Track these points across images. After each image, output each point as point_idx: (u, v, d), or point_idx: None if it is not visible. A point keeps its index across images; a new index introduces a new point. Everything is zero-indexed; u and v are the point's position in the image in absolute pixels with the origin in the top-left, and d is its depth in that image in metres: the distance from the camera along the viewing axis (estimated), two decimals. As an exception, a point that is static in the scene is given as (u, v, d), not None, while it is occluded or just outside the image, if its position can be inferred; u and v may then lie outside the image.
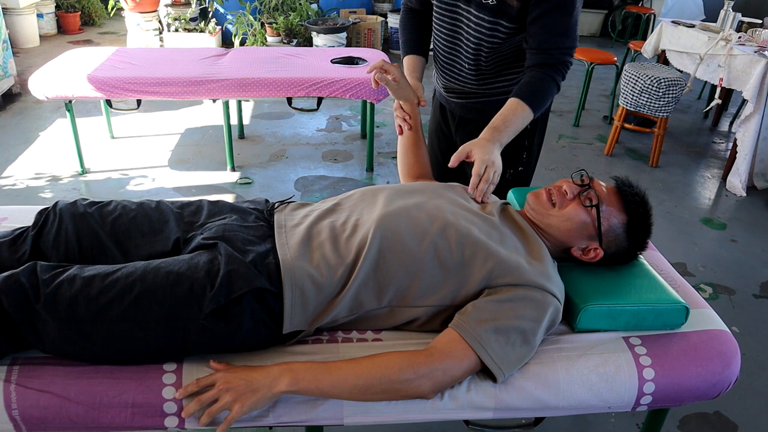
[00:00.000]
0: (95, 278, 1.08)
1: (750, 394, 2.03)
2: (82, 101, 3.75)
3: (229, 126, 3.31)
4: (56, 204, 1.29)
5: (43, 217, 1.26)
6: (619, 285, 1.31)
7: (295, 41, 5.58)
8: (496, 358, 1.10)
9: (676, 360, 1.23)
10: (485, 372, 1.13)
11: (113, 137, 3.81)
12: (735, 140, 3.60)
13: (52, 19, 6.03)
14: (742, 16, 4.06)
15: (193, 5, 5.61)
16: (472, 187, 1.36)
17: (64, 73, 3.00)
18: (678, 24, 4.26)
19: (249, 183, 3.33)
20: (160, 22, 5.65)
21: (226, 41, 5.92)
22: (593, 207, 1.29)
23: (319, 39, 5.39)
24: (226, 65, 3.30)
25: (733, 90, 4.10)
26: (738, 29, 3.94)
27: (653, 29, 4.75)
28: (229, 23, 5.70)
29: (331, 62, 3.44)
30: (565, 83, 1.54)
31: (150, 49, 4.17)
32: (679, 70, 4.01)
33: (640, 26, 6.63)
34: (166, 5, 5.54)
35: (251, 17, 5.50)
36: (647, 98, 3.66)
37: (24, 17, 5.42)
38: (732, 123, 4.70)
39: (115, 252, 1.25)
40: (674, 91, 3.61)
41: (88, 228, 1.25)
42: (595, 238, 1.30)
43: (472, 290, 1.18)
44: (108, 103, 3.44)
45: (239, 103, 3.90)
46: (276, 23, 5.54)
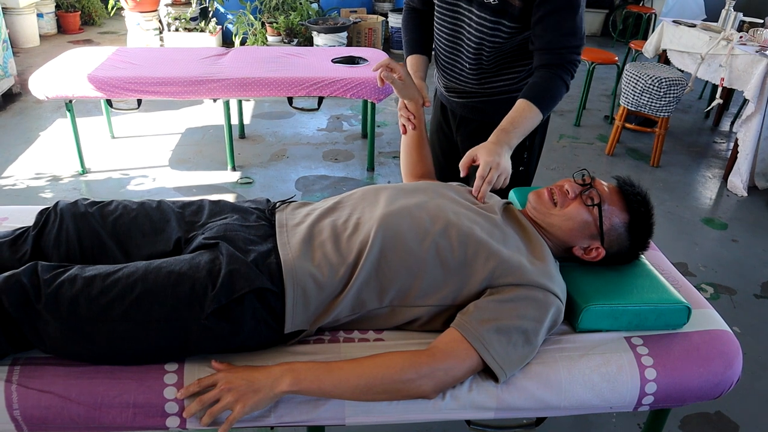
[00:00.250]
0: (96, 278, 1.08)
1: (751, 395, 2.03)
2: (83, 101, 3.74)
3: (230, 126, 3.30)
4: (57, 204, 1.29)
5: (44, 217, 1.26)
6: (621, 285, 1.31)
7: (296, 41, 5.58)
8: (498, 358, 1.10)
9: (678, 360, 1.22)
10: (487, 372, 1.13)
11: (114, 137, 3.81)
12: (736, 140, 3.60)
13: (52, 19, 6.03)
14: (744, 16, 4.06)
15: (194, 5, 5.60)
16: (476, 190, 1.35)
17: (65, 73, 3.00)
18: (679, 24, 4.26)
19: (250, 183, 3.33)
20: (161, 22, 5.65)
21: (227, 41, 5.92)
22: (595, 206, 1.29)
23: (320, 38, 5.39)
24: (227, 65, 3.30)
25: (735, 90, 4.09)
26: (739, 29, 3.94)
27: (654, 29, 4.74)
28: (230, 23, 5.70)
29: (332, 62, 3.44)
30: (571, 81, 1.53)
31: (150, 49, 4.17)
32: (680, 70, 4.00)
33: (641, 26, 6.62)
34: (167, 5, 5.54)
35: (252, 17, 5.50)
36: (648, 98, 3.66)
37: (24, 17, 5.42)
38: (733, 123, 4.70)
39: (116, 252, 1.25)
40: (675, 91, 3.60)
41: (89, 228, 1.25)
42: (597, 238, 1.30)
43: (474, 290, 1.17)
44: (108, 103, 3.44)
45: (240, 103, 3.90)
46: (276, 23, 5.54)
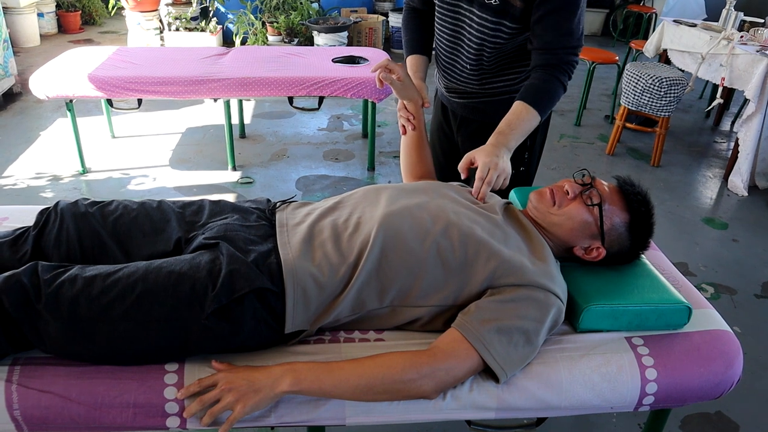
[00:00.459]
0: (96, 278, 1.08)
1: (752, 395, 2.03)
2: (83, 101, 3.74)
3: (230, 125, 3.30)
4: (57, 204, 1.29)
5: (44, 217, 1.26)
6: (622, 285, 1.31)
7: (296, 40, 5.58)
8: (499, 359, 1.10)
9: (679, 360, 1.22)
10: (488, 372, 1.13)
11: (114, 137, 3.80)
12: (737, 140, 3.60)
13: (53, 19, 6.03)
14: (744, 16, 4.05)
15: (194, 4, 5.60)
16: (476, 191, 1.35)
17: (65, 73, 3.00)
18: (680, 23, 4.25)
19: (250, 182, 3.33)
20: (161, 22, 5.65)
21: (227, 40, 5.92)
22: (595, 206, 1.29)
23: (320, 38, 5.39)
24: (227, 64, 3.30)
25: (735, 89, 4.09)
26: (740, 28, 3.93)
27: (655, 28, 4.74)
28: (230, 22, 5.70)
29: (333, 61, 3.44)
30: (569, 82, 1.53)
31: (151, 49, 4.17)
32: (681, 70, 4.00)
33: (642, 25, 6.62)
34: (167, 4, 5.54)
35: (252, 16, 5.50)
36: (649, 98, 3.66)
37: (24, 16, 5.42)
38: (734, 122, 4.70)
39: (117, 252, 1.25)
40: (676, 91, 3.60)
41: (90, 228, 1.25)
42: (598, 237, 1.30)
43: (475, 290, 1.17)
44: (109, 103, 3.44)
45: (240, 103, 3.90)
46: (277, 22, 5.54)
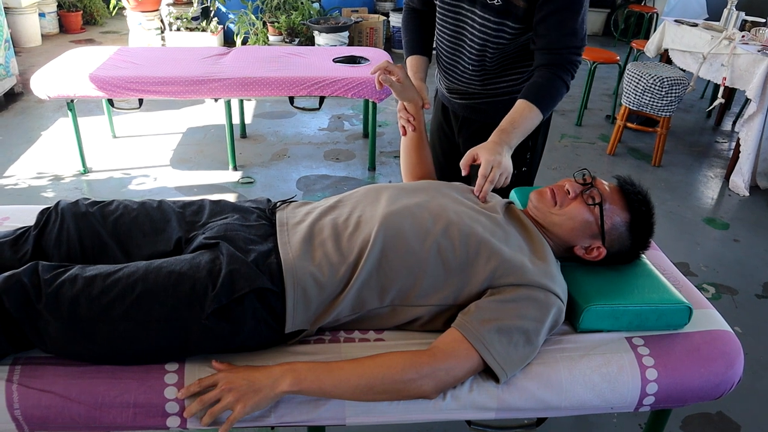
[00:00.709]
0: (97, 278, 1.08)
1: (753, 395, 2.03)
2: (84, 100, 3.75)
3: (231, 125, 3.30)
4: (58, 204, 1.29)
5: (45, 217, 1.26)
6: (622, 285, 1.31)
7: (297, 40, 5.58)
8: (499, 359, 1.10)
9: (679, 360, 1.22)
10: (488, 372, 1.13)
11: (115, 136, 3.81)
12: (738, 140, 3.59)
13: (54, 19, 6.03)
14: (746, 15, 4.04)
15: (195, 4, 5.61)
16: (478, 189, 1.35)
17: (66, 73, 3.00)
18: (681, 23, 4.25)
19: (251, 182, 3.33)
20: (162, 21, 5.66)
21: (228, 40, 5.92)
22: (596, 205, 1.28)
23: (321, 38, 5.39)
24: (228, 64, 3.30)
25: (736, 89, 4.08)
26: (741, 28, 3.92)
27: (656, 28, 4.73)
28: (231, 22, 5.70)
29: (333, 61, 3.44)
30: (571, 81, 1.53)
31: (152, 49, 4.17)
32: (682, 70, 4.00)
33: (643, 25, 6.62)
34: (168, 4, 5.54)
35: (253, 16, 5.50)
36: (650, 97, 3.66)
37: (26, 16, 5.42)
38: (735, 122, 4.69)
39: (117, 252, 1.25)
40: (677, 91, 3.60)
41: (90, 228, 1.25)
42: (598, 237, 1.30)
43: (475, 290, 1.17)
44: (110, 103, 3.45)
45: (241, 103, 3.90)
46: (278, 22, 5.54)
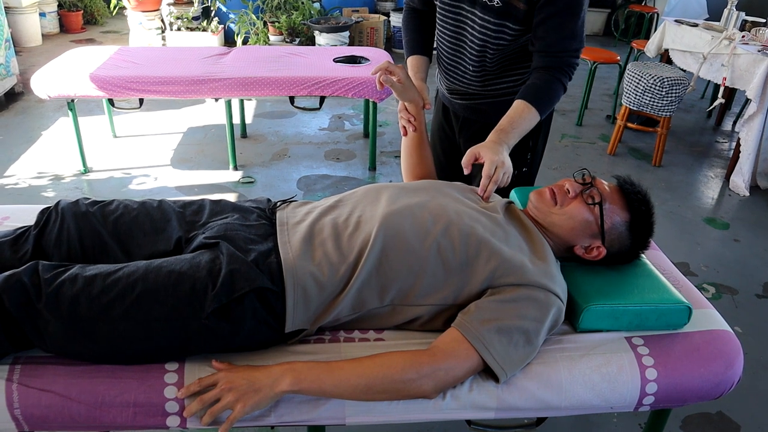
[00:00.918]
0: (97, 277, 1.08)
1: (753, 395, 2.03)
2: (85, 100, 3.75)
3: (232, 125, 3.31)
4: (58, 203, 1.29)
5: (45, 217, 1.26)
6: (622, 285, 1.31)
7: (298, 40, 5.58)
8: (499, 359, 1.10)
9: (679, 360, 1.22)
10: (487, 372, 1.13)
11: (115, 136, 3.81)
12: (738, 140, 3.59)
13: (55, 18, 6.03)
14: (746, 15, 4.04)
15: (196, 4, 5.61)
16: (482, 189, 1.35)
17: (67, 72, 3.00)
18: (681, 23, 4.25)
19: (251, 182, 3.33)
20: (163, 21, 5.66)
21: (229, 40, 5.92)
22: (596, 205, 1.29)
23: (322, 38, 5.39)
24: (229, 64, 3.30)
25: (737, 89, 4.08)
26: (741, 28, 3.92)
27: (656, 28, 4.73)
28: (232, 22, 5.70)
29: (334, 61, 3.44)
30: (569, 83, 1.54)
31: (152, 48, 4.18)
32: (683, 70, 3.99)
33: (644, 25, 6.62)
34: (169, 4, 5.54)
35: (254, 16, 5.50)
36: (650, 97, 3.66)
37: (26, 16, 5.42)
38: (735, 122, 4.69)
39: (117, 251, 1.25)
40: (677, 91, 3.60)
41: (90, 227, 1.25)
42: (598, 237, 1.30)
43: (475, 290, 1.17)
44: (110, 102, 3.45)
45: (242, 102, 3.90)
46: (278, 22, 5.54)
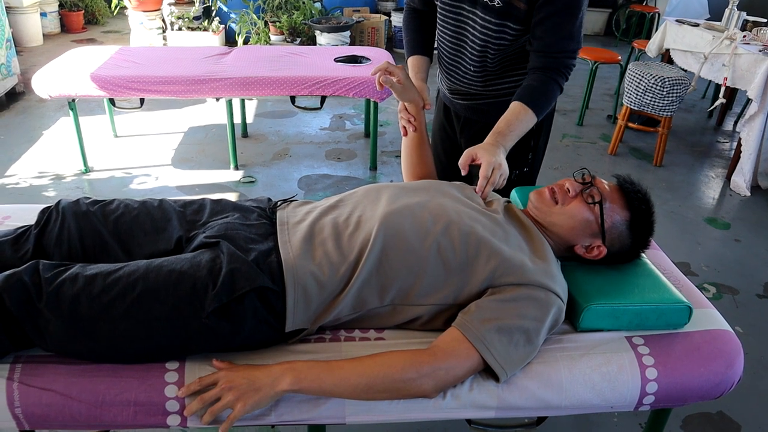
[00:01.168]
0: (97, 277, 1.08)
1: (753, 394, 2.03)
2: (86, 100, 3.75)
3: (233, 125, 3.31)
4: (59, 203, 1.29)
5: (46, 216, 1.26)
6: (622, 284, 1.31)
7: (299, 40, 5.58)
8: (499, 358, 1.10)
9: (679, 360, 1.22)
10: (488, 371, 1.13)
11: (116, 136, 3.81)
12: (739, 140, 3.59)
13: (56, 18, 6.04)
14: (747, 15, 4.04)
15: (197, 4, 5.61)
16: (479, 190, 1.36)
17: (68, 72, 3.01)
18: (682, 23, 4.24)
19: (252, 182, 3.33)
20: (164, 21, 5.66)
21: (230, 40, 5.93)
22: (596, 204, 1.29)
23: (323, 38, 5.39)
24: (230, 64, 3.31)
25: (738, 89, 4.08)
26: (743, 28, 3.92)
27: (657, 28, 4.73)
28: (233, 22, 5.70)
29: (335, 61, 3.44)
30: (569, 82, 1.54)
31: (153, 48, 4.18)
32: (684, 70, 3.99)
33: (645, 25, 6.61)
34: (170, 4, 5.54)
35: (255, 16, 5.51)
36: (651, 97, 3.65)
37: (27, 16, 5.43)
38: (736, 122, 4.69)
39: (118, 251, 1.25)
40: (678, 91, 3.60)
41: (91, 227, 1.25)
42: (599, 236, 1.30)
43: (475, 289, 1.17)
44: (111, 102, 3.45)
45: (242, 102, 3.90)
46: (279, 22, 5.54)
